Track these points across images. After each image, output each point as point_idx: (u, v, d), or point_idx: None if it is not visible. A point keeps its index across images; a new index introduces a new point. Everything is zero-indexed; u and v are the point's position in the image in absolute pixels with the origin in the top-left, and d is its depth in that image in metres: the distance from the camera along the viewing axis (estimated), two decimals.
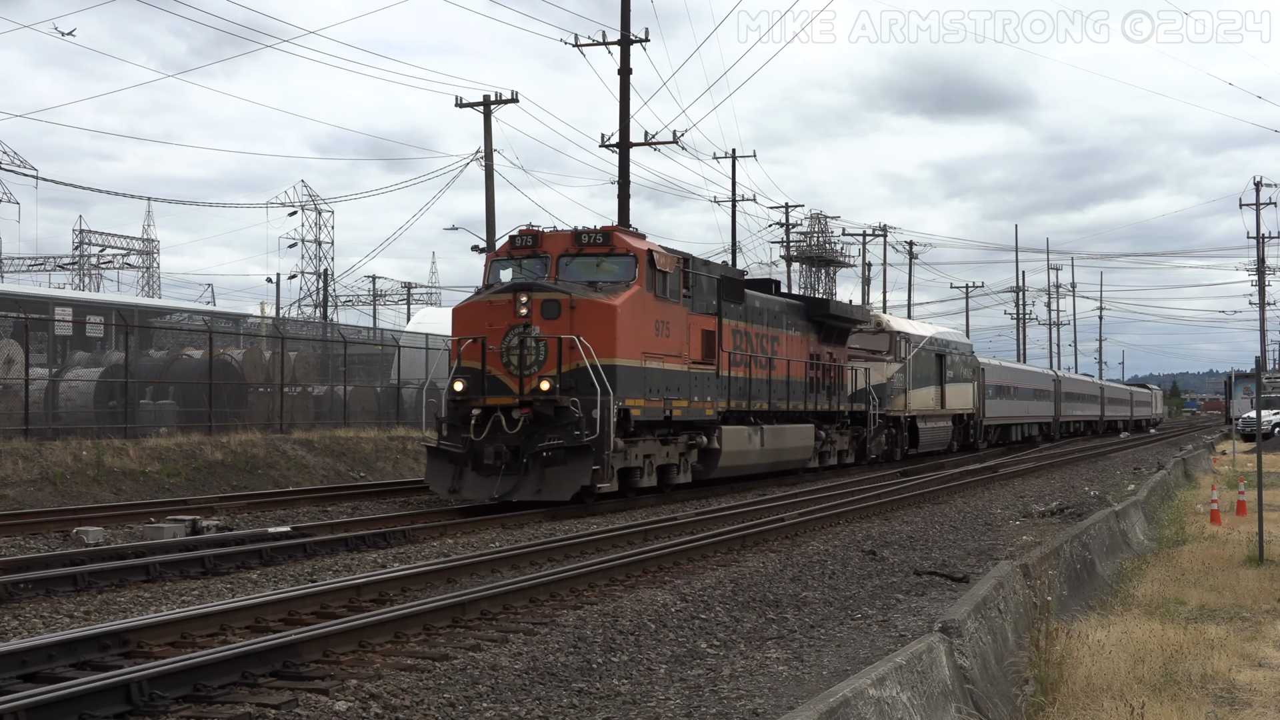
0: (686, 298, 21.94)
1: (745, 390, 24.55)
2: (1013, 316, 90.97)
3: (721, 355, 23.23)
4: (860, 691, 5.42)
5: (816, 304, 31.16)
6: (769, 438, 25.45)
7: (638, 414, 19.92)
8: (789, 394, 27.14)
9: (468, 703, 7.42)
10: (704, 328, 22.63)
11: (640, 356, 20.00)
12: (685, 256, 22.29)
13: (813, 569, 13.39)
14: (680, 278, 21.54)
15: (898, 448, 35.08)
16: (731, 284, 24.20)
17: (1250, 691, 7.75)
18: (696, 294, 22.40)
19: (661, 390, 20.76)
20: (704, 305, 22.83)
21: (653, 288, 20.48)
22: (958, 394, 41.08)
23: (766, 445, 25.28)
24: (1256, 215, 72.40)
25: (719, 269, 24.39)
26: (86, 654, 8.18)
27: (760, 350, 25.60)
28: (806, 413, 28.20)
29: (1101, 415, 74.87)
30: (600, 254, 20.15)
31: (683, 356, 21.68)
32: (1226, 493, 21.88)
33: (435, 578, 11.90)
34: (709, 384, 22.72)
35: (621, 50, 31.71)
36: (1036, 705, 7.19)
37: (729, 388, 23.64)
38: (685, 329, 21.81)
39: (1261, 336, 75.94)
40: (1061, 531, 13.50)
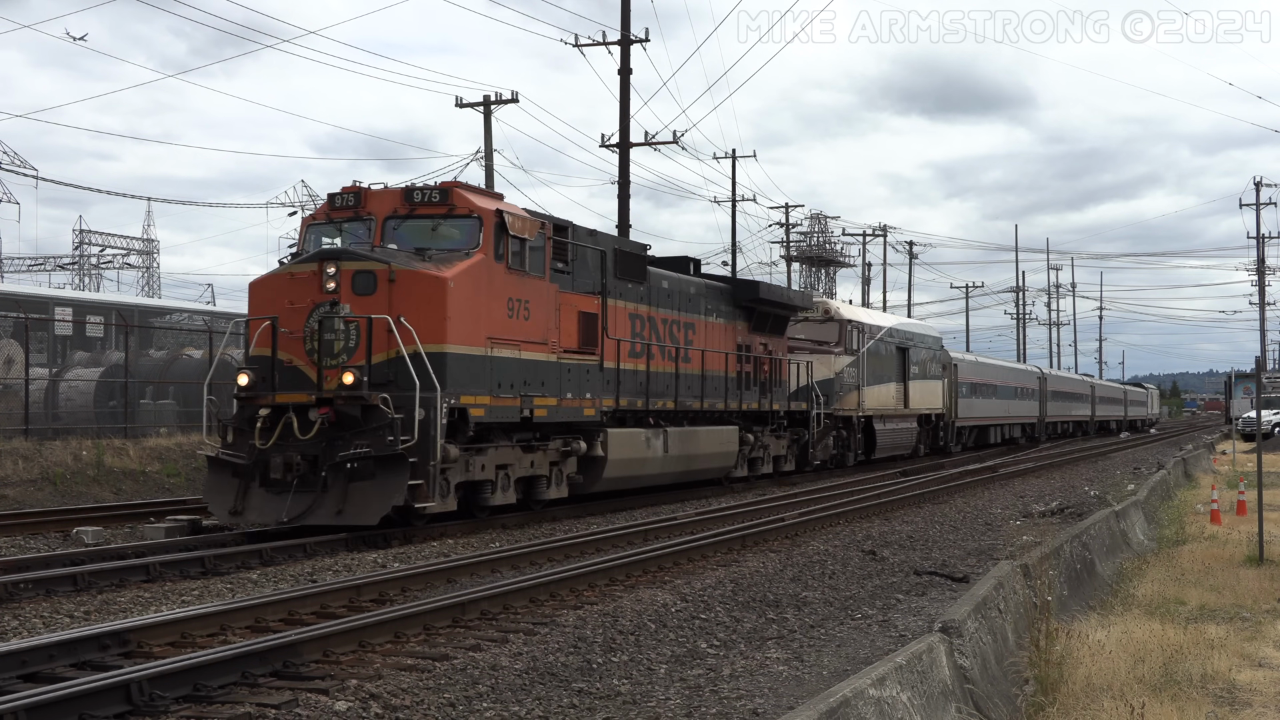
0: (561, 273, 18.21)
1: (642, 386, 20.77)
2: (1013, 316, 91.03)
3: (607, 343, 19.44)
4: (860, 691, 5.42)
5: (745, 286, 26.25)
6: (676, 442, 21.56)
7: (480, 414, 16.08)
8: (705, 390, 23.19)
9: (468, 703, 7.42)
10: (583, 309, 18.73)
11: (484, 343, 16.20)
12: (558, 222, 18.49)
13: (813, 569, 13.39)
14: (547, 247, 17.66)
15: (850, 452, 31.16)
16: (627, 259, 20.47)
17: (1250, 691, 7.75)
18: (578, 269, 18.76)
19: (518, 385, 16.96)
20: (587, 283, 19.05)
21: (504, 258, 16.57)
22: (924, 392, 37.29)
23: (672, 451, 21.43)
24: (1256, 215, 72.46)
25: (610, 240, 20.56)
26: (86, 654, 8.18)
27: (668, 339, 21.89)
28: (730, 413, 24.27)
29: (1092, 415, 70.96)
30: (437, 215, 16.44)
31: (550, 344, 17.75)
32: (1226, 493, 21.88)
33: (435, 578, 11.90)
34: (589, 378, 18.88)
35: (621, 50, 31.72)
36: (1036, 705, 7.19)
37: (618, 382, 19.83)
38: (554, 310, 17.88)
39: (1261, 336, 75.99)
40: (1061, 531, 13.51)
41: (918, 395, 36.39)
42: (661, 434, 21.18)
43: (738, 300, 25.16)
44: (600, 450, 19.23)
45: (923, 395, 37.08)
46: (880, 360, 33.23)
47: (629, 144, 32.16)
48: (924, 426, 37.76)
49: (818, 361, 29.20)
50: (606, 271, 19.57)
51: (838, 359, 30.32)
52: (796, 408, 27.72)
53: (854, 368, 31.01)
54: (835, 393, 29.74)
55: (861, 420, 31.70)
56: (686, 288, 23.01)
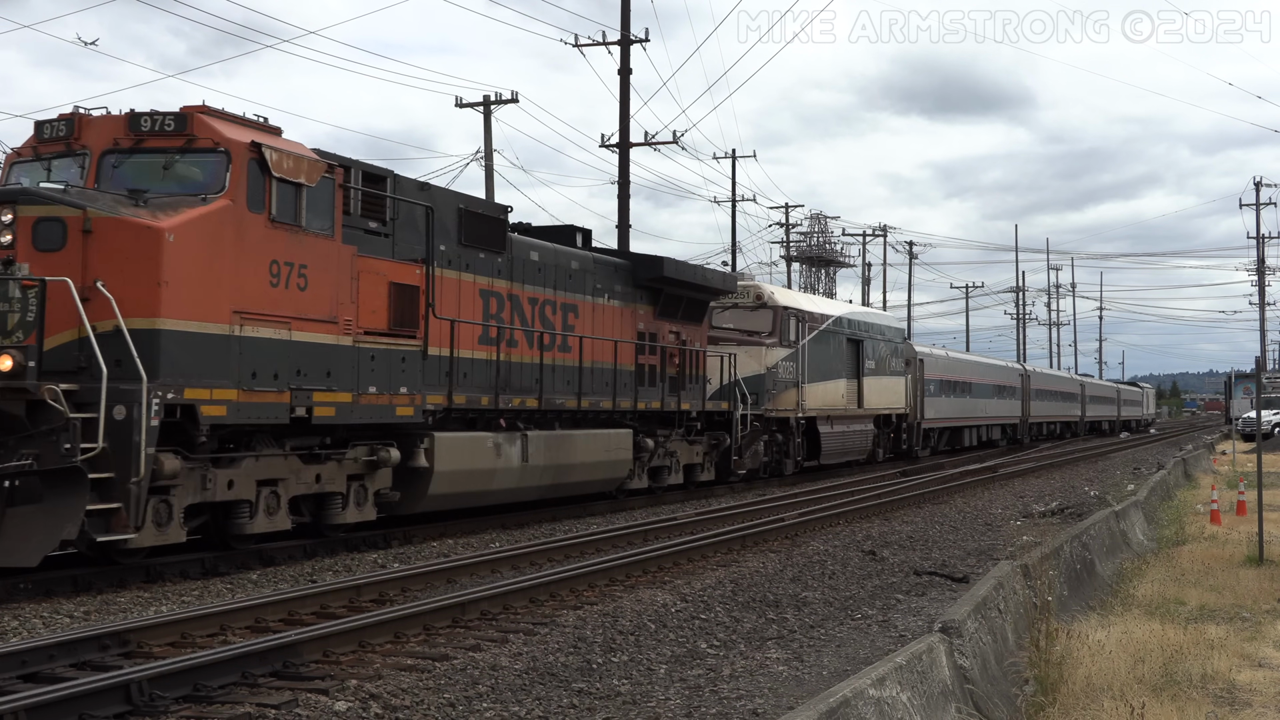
0: (371, 234, 14.42)
1: (490, 379, 16.73)
2: (1013, 316, 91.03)
3: (435, 325, 15.40)
4: (860, 691, 5.42)
5: (647, 263, 21.76)
6: (540, 449, 17.55)
7: (219, 413, 12.22)
8: (590, 386, 19.33)
9: (468, 703, 7.42)
10: (397, 280, 14.60)
11: (228, 318, 12.39)
12: (369, 169, 14.67)
13: (813, 569, 13.39)
14: (336, 197, 13.74)
15: (789, 458, 27.35)
16: (475, 222, 16.60)
17: (1250, 691, 7.75)
18: (401, 231, 14.98)
19: (286, 375, 13.06)
20: (408, 247, 15.06)
21: (265, 206, 12.80)
22: (883, 389, 33.20)
23: (536, 461, 17.37)
24: (1256, 215, 72.46)
25: (449, 197, 16.52)
26: (86, 654, 8.19)
27: (538, 322, 18.15)
28: (624, 413, 20.35)
29: (1082, 415, 66.63)
30: (171, 148, 12.63)
31: (341, 323, 13.75)
32: (1226, 493, 21.88)
33: (435, 578, 11.90)
34: (406, 368, 14.78)
35: (621, 50, 31.72)
36: (1036, 705, 7.19)
37: (453, 374, 15.75)
38: (349, 279, 13.86)
39: (1261, 336, 76.01)
40: (1061, 531, 13.51)
41: (874, 393, 32.47)
42: (519, 439, 17.07)
43: (638, 279, 21.26)
44: (424, 460, 15.11)
45: (881, 393, 33.08)
46: (826, 353, 29.32)
47: (629, 144, 32.16)
48: (883, 428, 33.96)
49: (745, 354, 25.34)
50: (436, 234, 15.48)
51: (771, 351, 26.27)
52: (716, 408, 23.68)
53: (792, 362, 27.09)
54: (767, 390, 25.78)
55: (802, 422, 27.92)
56: (565, 262, 19.07)
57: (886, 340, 34.17)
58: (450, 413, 15.98)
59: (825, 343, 29.34)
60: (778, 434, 26.85)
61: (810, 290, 78.55)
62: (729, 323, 26.31)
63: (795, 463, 27.74)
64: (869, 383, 32.00)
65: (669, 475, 22.10)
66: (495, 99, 36.74)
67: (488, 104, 36.77)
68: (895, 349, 34.93)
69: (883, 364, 33.41)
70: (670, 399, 21.90)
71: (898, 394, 34.67)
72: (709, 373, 23.78)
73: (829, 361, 29.46)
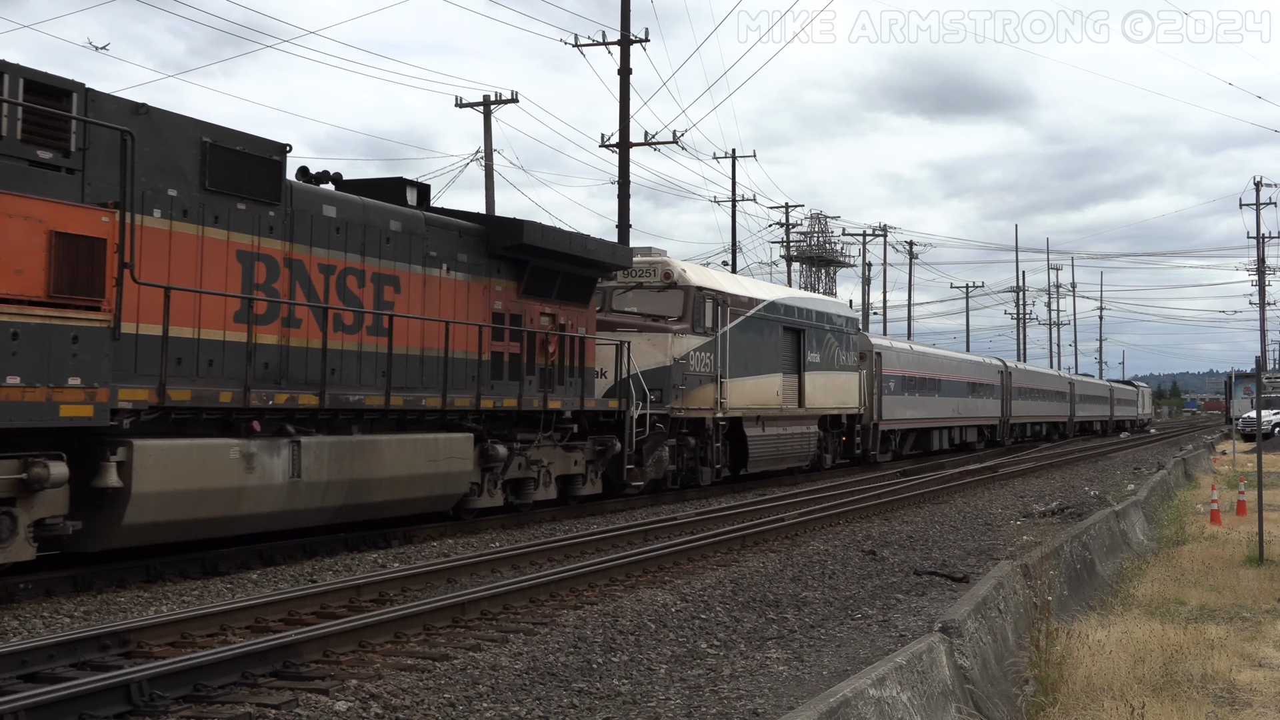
0: (34, 165, 10.79)
1: (239, 366, 12.83)
2: (1013, 316, 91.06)
3: (137, 293, 11.47)
4: (860, 691, 5.42)
5: (504, 228, 17.43)
6: (324, 461, 13.51)
7: None
8: (413, 378, 15.38)
9: (468, 703, 7.42)
10: (65, 228, 10.56)
11: None
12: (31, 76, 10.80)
13: (813, 569, 13.39)
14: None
15: (707, 466, 23.13)
16: (224, 159, 12.77)
17: (1250, 691, 7.75)
18: (90, 165, 11.24)
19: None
20: (110, 188, 11.26)
21: None
22: (831, 386, 29.38)
23: (314, 476, 13.34)
24: (1256, 215, 72.53)
25: (184, 124, 12.48)
26: (86, 654, 8.19)
27: (330, 295, 14.20)
28: (464, 413, 16.10)
29: (1071, 416, 63.03)
30: None
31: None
32: (1226, 493, 21.89)
33: (435, 578, 11.91)
34: (83, 350, 10.76)
35: (621, 50, 31.72)
36: (1036, 705, 7.19)
37: (163, 360, 11.81)
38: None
39: (1262, 336, 76.05)
40: (1061, 531, 13.51)
41: (819, 390, 28.46)
42: (286, 448, 13.03)
43: (495, 248, 17.18)
44: (115, 478, 11.15)
45: (827, 390, 29.10)
46: (755, 343, 25.19)
47: (629, 144, 32.17)
48: (830, 430, 30.16)
49: (646, 343, 21.29)
50: (154, 172, 12.05)
51: (680, 339, 21.96)
52: (602, 407, 19.69)
53: (708, 352, 22.87)
54: (674, 386, 21.62)
55: (724, 424, 23.80)
56: (380, 221, 15.03)
57: (835, 330, 30.02)
58: (169, 413, 11.92)
59: (754, 331, 25.13)
60: (690, 438, 22.65)
61: (810, 290, 78.74)
62: (632, 305, 22.40)
63: (715, 471, 23.41)
64: (812, 378, 28.09)
65: (535, 489, 17.92)
66: (495, 99, 36.76)
67: (488, 104, 36.78)
68: (846, 340, 30.84)
69: (830, 357, 29.46)
70: (536, 396, 17.80)
71: (849, 391, 30.82)
72: (601, 365, 20.14)
73: (759, 353, 25.29)
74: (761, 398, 25.37)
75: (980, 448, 45.34)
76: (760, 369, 25.39)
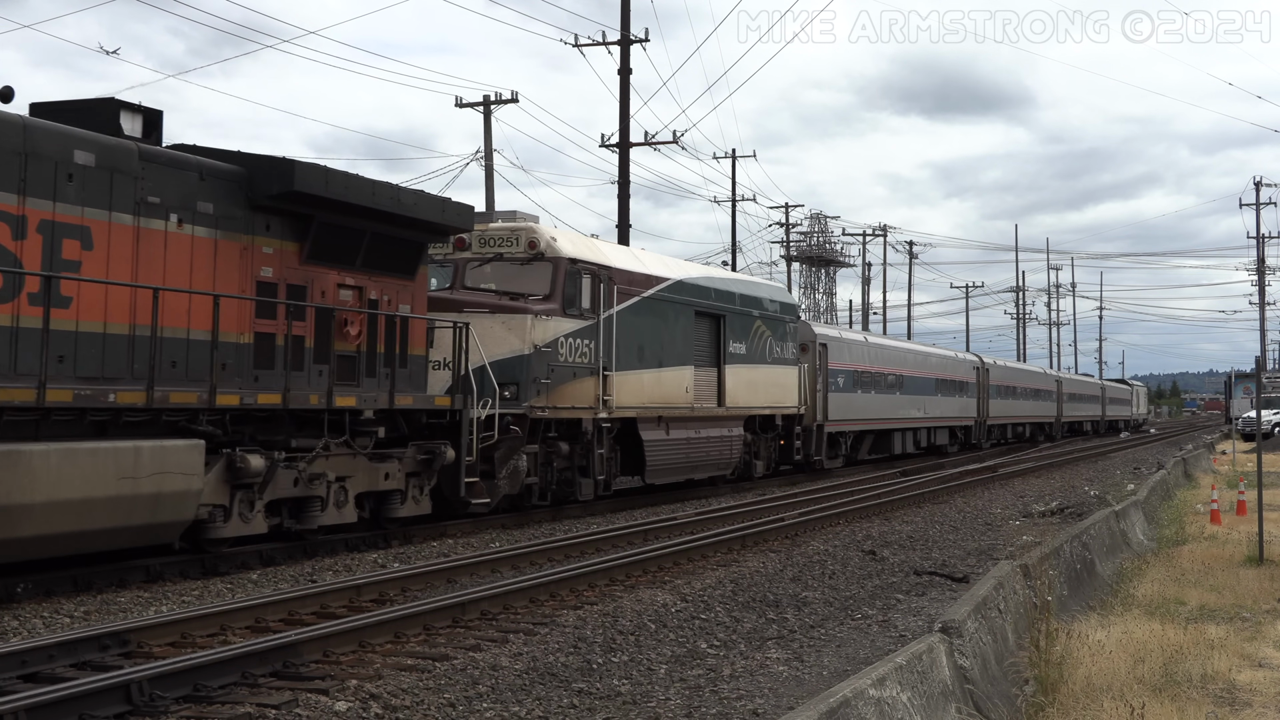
0: None
1: None
2: (1013, 316, 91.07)
3: None
4: (860, 691, 5.42)
5: (269, 171, 13.31)
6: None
7: None
8: (122, 364, 11.73)
9: (468, 703, 7.42)
10: None
11: None
12: None
13: (813, 569, 13.39)
14: None
15: (588, 478, 19.02)
16: None
17: (1250, 691, 7.75)
18: None
19: None
20: None
21: None
22: (760, 382, 25.20)
23: None
24: (1256, 215, 72.48)
25: None
26: (86, 654, 8.19)
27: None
28: (194, 412, 12.16)
29: (1058, 416, 59.41)
30: None
31: None
32: (1226, 492, 21.89)
33: (435, 578, 11.91)
34: None
35: (621, 50, 31.72)
36: (1036, 705, 7.19)
37: None
38: None
39: (1261, 336, 76.02)
40: (1061, 531, 13.51)
41: (744, 387, 24.44)
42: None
43: (258, 198, 13.25)
44: None
45: (755, 387, 24.99)
46: (656, 330, 21.13)
47: (629, 144, 32.17)
48: (761, 433, 25.95)
49: (497, 326, 17.34)
50: None
51: (544, 323, 17.82)
52: (424, 405, 15.44)
53: (587, 340, 18.86)
54: (536, 379, 17.49)
55: (611, 426, 19.73)
56: (55, 149, 11.23)
57: (768, 318, 25.76)
58: None
59: (654, 315, 21.06)
60: (562, 443, 18.43)
61: (810, 290, 78.71)
62: (490, 281, 18.36)
63: (598, 483, 19.25)
64: (736, 373, 23.96)
65: (323, 510, 13.98)
66: (495, 99, 36.76)
67: (488, 104, 36.77)
68: (783, 330, 26.59)
69: (760, 348, 25.19)
70: (318, 390, 13.67)
71: (785, 388, 26.53)
72: (444, 354, 16.31)
73: (661, 342, 21.24)
74: (665, 395, 21.36)
75: (953, 451, 41.55)
76: (663, 360, 21.29)
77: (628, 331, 20.17)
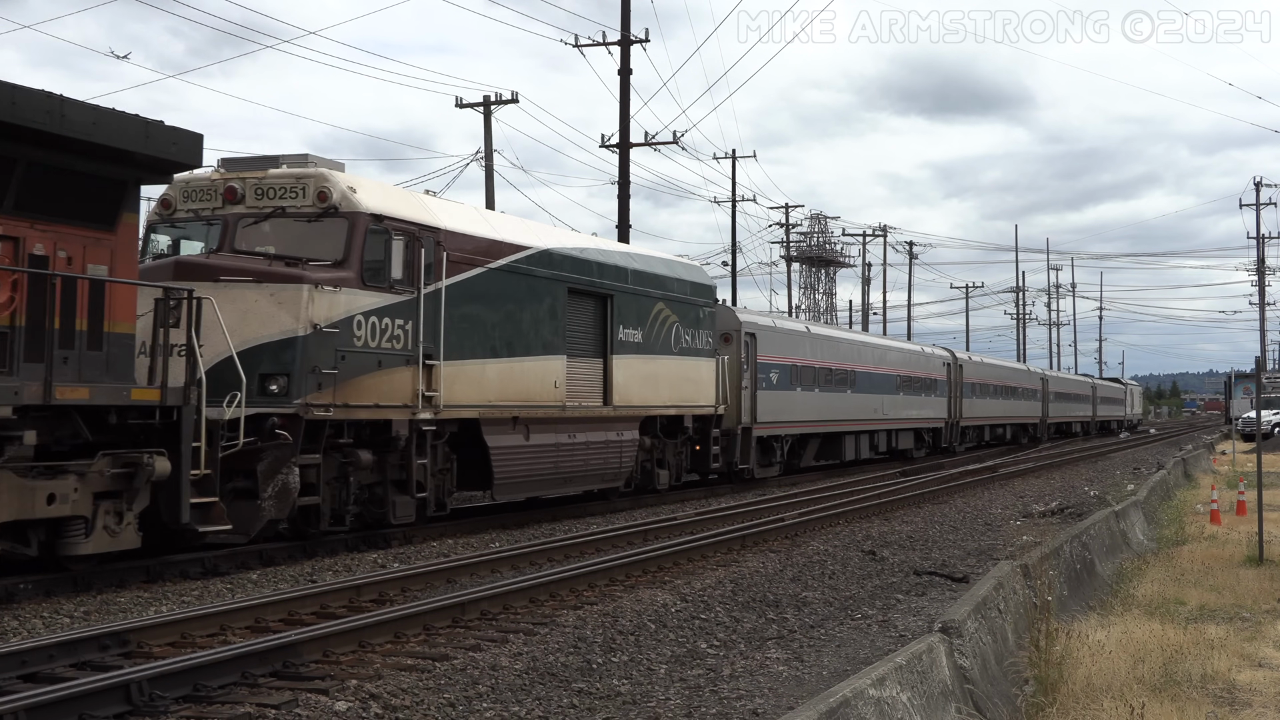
0: None
1: None
2: (1013, 317, 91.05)
3: None
4: (860, 691, 5.42)
5: None
6: None
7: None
8: None
9: (468, 703, 7.42)
10: None
11: None
12: None
13: (813, 569, 13.39)
14: None
15: (406, 495, 15.02)
16: None
17: (1250, 691, 7.75)
18: None
19: None
20: None
21: None
22: (664, 376, 21.02)
23: None
24: (1256, 215, 72.50)
25: None
26: (86, 654, 8.19)
27: None
28: None
29: (1044, 416, 55.10)
30: None
31: None
32: (1226, 493, 21.89)
33: (435, 578, 11.91)
34: None
35: (621, 50, 31.73)
36: (1036, 705, 7.19)
37: None
38: None
39: (1261, 336, 76.04)
40: (1061, 531, 13.52)
41: (641, 382, 20.27)
42: None
43: None
44: None
45: (656, 382, 20.78)
46: (511, 310, 16.94)
47: (629, 144, 32.17)
48: (667, 437, 21.64)
49: (262, 300, 13.61)
50: None
51: (329, 296, 13.86)
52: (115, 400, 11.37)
53: (402, 319, 14.88)
54: (316, 369, 13.62)
55: (442, 429, 15.66)
56: None
57: (673, 300, 21.65)
58: None
59: (506, 292, 16.80)
60: (362, 451, 14.42)
61: (810, 291, 78.75)
62: (269, 243, 14.47)
63: (419, 502, 15.23)
64: (628, 365, 19.87)
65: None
66: (495, 99, 36.75)
67: (488, 104, 36.77)
68: (695, 315, 22.44)
69: (662, 336, 21.04)
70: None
71: (698, 384, 22.33)
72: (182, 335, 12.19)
73: (517, 324, 17.05)
74: (523, 391, 17.07)
75: (920, 456, 37.59)
76: (520, 348, 17.06)
77: (466, 311, 15.87)
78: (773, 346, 27.21)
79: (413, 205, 15.67)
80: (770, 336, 27.22)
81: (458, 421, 15.92)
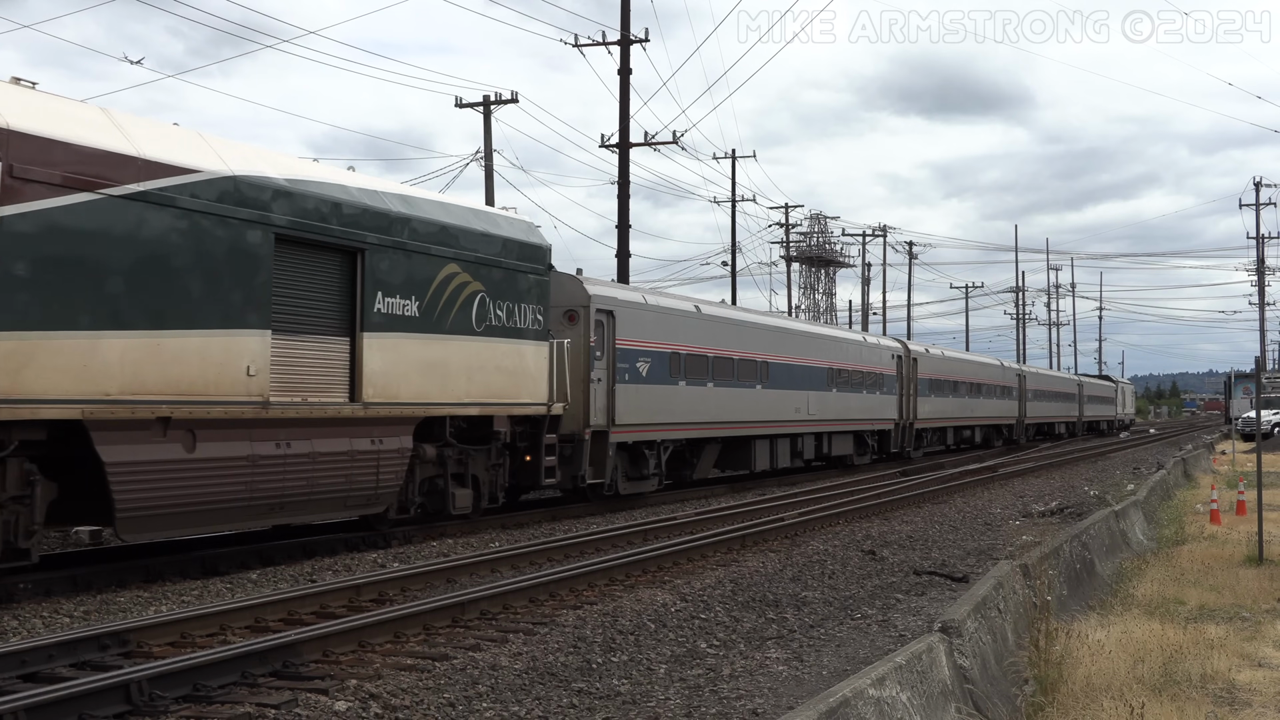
0: None
1: None
2: (1013, 317, 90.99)
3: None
4: (860, 691, 5.42)
5: None
6: None
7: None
8: None
9: (467, 703, 7.42)
10: None
11: None
12: None
13: (812, 569, 13.39)
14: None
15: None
16: None
17: (1250, 691, 7.75)
18: None
19: None
20: None
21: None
22: (458, 365, 15.82)
23: None
24: (1256, 215, 72.52)
25: None
26: (86, 654, 8.19)
27: None
28: None
29: (1021, 416, 49.88)
30: None
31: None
32: (1226, 492, 21.89)
33: (435, 578, 11.91)
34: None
35: (621, 50, 31.72)
36: (1036, 705, 7.19)
37: None
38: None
39: (1261, 336, 76.05)
40: (1061, 531, 13.52)
41: (419, 370, 15.16)
42: None
43: None
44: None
45: (447, 371, 15.65)
46: (154, 259, 11.67)
47: (628, 144, 32.16)
48: (471, 445, 16.36)
49: None
50: None
51: None
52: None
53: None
54: None
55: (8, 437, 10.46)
56: None
57: (478, 262, 16.31)
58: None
59: (144, 233, 11.57)
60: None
61: (810, 291, 78.75)
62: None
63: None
64: (394, 347, 14.73)
65: None
66: (495, 99, 36.74)
67: (487, 104, 36.75)
68: (516, 285, 17.21)
69: (456, 310, 15.84)
70: None
71: (519, 375, 17.19)
72: None
73: (173, 282, 11.87)
74: (180, 378, 11.85)
75: (864, 462, 33.08)
76: (176, 318, 11.86)
77: (57, 254, 10.79)
78: (641, 329, 21.63)
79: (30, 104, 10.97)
80: (636, 316, 21.56)
81: (43, 424, 10.74)
